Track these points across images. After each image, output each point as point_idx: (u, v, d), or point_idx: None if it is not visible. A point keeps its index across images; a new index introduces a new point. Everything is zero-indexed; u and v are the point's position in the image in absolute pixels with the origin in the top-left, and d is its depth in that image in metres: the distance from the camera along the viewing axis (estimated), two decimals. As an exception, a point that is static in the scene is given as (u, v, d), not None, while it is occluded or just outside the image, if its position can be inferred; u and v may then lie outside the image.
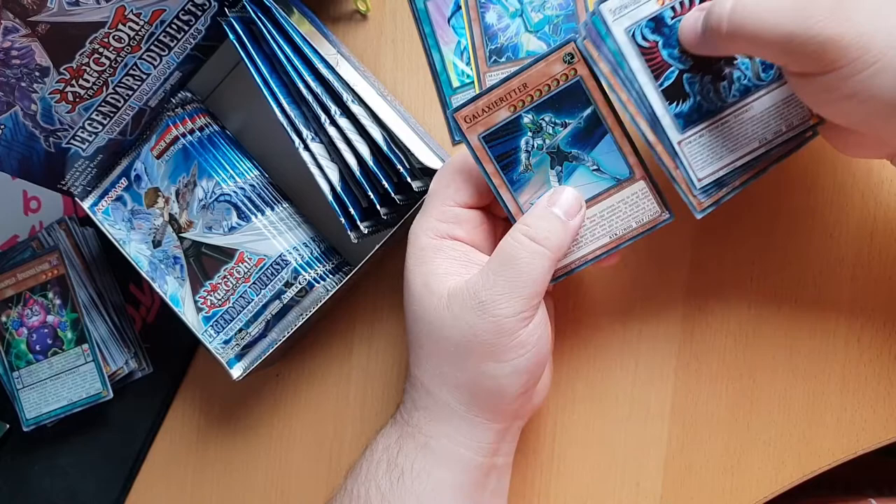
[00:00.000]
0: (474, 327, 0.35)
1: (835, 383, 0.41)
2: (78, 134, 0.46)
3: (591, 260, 0.38)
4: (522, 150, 0.36)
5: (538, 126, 0.36)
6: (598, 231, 0.37)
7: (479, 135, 0.36)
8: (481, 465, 0.39)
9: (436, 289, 0.37)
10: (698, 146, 0.35)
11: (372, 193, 0.43)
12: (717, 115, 0.35)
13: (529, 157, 0.37)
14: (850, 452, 0.41)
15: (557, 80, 0.35)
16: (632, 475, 0.44)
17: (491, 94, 0.35)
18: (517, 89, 0.35)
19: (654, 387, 0.44)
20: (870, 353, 0.41)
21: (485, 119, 0.36)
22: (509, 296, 0.35)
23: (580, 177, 0.37)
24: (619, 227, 0.37)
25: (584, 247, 0.38)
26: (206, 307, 0.47)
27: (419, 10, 0.47)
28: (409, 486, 0.38)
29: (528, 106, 0.36)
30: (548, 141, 0.36)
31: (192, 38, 0.45)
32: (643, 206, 0.37)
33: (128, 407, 0.54)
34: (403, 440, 0.40)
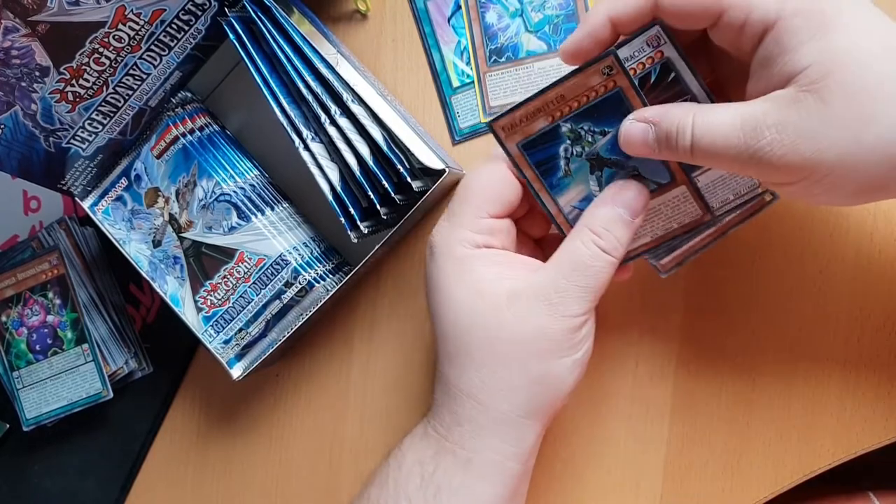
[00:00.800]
0: (544, 327, 0.36)
1: (835, 383, 0.41)
2: (78, 134, 0.46)
3: (630, 258, 0.39)
4: (562, 156, 0.36)
5: (577, 134, 0.36)
6: (646, 228, 0.38)
7: (517, 143, 0.36)
8: (519, 474, 0.39)
9: (490, 293, 0.37)
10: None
11: (372, 193, 0.43)
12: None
13: (569, 163, 0.37)
14: (851, 452, 0.41)
15: (596, 91, 0.35)
16: (632, 475, 0.44)
17: (528, 106, 0.35)
18: (554, 100, 0.35)
19: (654, 387, 0.44)
20: (870, 353, 0.41)
21: (523, 128, 0.36)
22: (582, 298, 0.36)
23: None
24: (661, 228, 0.38)
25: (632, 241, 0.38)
26: (206, 307, 0.47)
27: (419, 9, 0.47)
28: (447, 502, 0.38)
29: (567, 116, 0.35)
30: (587, 148, 0.36)
31: (192, 37, 0.45)
32: (685, 209, 0.37)
33: (128, 407, 0.54)
34: (441, 457, 0.38)
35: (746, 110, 0.30)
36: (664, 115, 0.33)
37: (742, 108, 0.31)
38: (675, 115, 0.32)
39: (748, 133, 0.30)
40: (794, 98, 0.29)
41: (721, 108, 0.32)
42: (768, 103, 0.30)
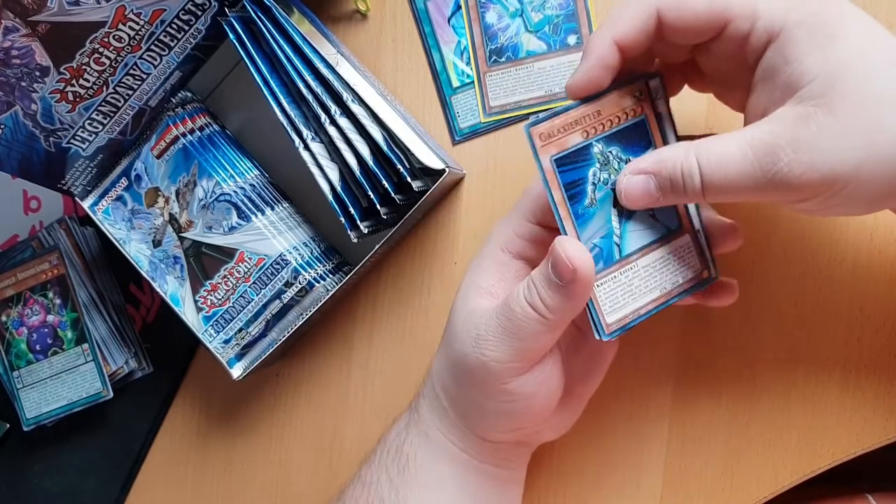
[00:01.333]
0: (468, 356, 0.35)
1: (835, 383, 0.41)
2: (78, 133, 0.46)
3: (645, 315, 0.35)
4: (589, 181, 0.34)
5: (605, 158, 0.34)
6: (651, 283, 0.35)
7: (551, 157, 0.33)
8: (483, 470, 0.39)
9: (466, 299, 0.37)
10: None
11: (372, 193, 0.43)
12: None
13: (595, 190, 0.34)
14: (850, 452, 0.41)
15: (627, 113, 0.34)
16: (632, 475, 0.44)
17: (568, 115, 0.33)
18: (592, 115, 0.34)
19: (654, 387, 0.44)
20: (870, 352, 0.41)
21: (559, 140, 0.33)
22: (499, 342, 0.34)
23: (638, 220, 0.35)
24: (669, 282, 0.36)
25: (638, 299, 0.35)
26: (206, 307, 0.47)
27: (419, 10, 0.47)
28: (414, 476, 0.38)
29: (600, 134, 0.34)
30: (613, 176, 0.34)
31: (193, 37, 0.45)
32: (688, 262, 0.36)
33: (128, 407, 0.54)
34: (410, 427, 0.40)
35: (755, 136, 0.30)
36: (661, 162, 0.32)
37: (749, 135, 0.30)
38: (675, 159, 0.31)
39: (762, 159, 0.29)
40: (803, 114, 0.29)
41: (721, 139, 0.31)
42: (775, 124, 0.29)
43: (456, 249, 0.47)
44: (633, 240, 0.35)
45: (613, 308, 0.35)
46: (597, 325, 0.34)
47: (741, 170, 0.30)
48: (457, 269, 0.47)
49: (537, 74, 0.45)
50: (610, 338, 0.35)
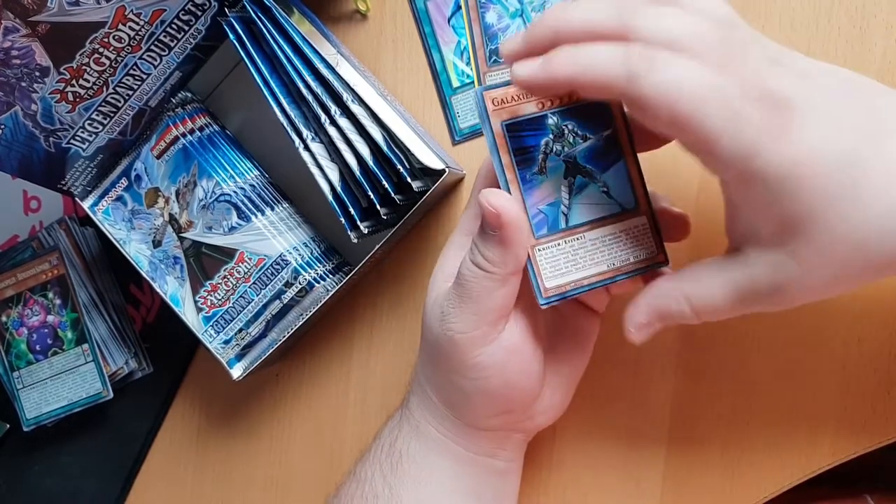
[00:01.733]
0: (438, 337, 0.36)
1: (835, 383, 0.41)
2: (78, 134, 0.46)
3: (587, 287, 0.36)
4: (541, 150, 0.35)
5: (561, 131, 0.35)
6: (598, 256, 0.36)
7: (502, 121, 0.34)
8: (477, 462, 0.39)
9: (434, 286, 0.37)
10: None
11: (372, 193, 0.43)
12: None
13: (546, 159, 0.35)
14: (851, 453, 0.41)
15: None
16: (632, 475, 0.44)
17: None
18: None
19: (654, 387, 0.44)
20: (870, 352, 0.41)
21: (512, 107, 0.34)
22: (458, 312, 0.35)
23: (590, 195, 0.35)
24: (619, 258, 0.36)
25: (582, 269, 0.35)
26: (207, 307, 0.47)
27: (419, 10, 0.47)
28: (408, 470, 0.38)
29: (556, 107, 0.34)
30: (566, 149, 0.35)
31: (193, 38, 0.45)
32: (642, 243, 0.36)
33: (128, 407, 0.54)
34: (402, 422, 0.40)
35: (735, 285, 0.32)
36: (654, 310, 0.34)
37: (729, 281, 0.32)
38: (666, 304, 0.33)
39: (746, 301, 0.32)
40: (774, 263, 0.30)
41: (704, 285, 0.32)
42: (752, 271, 0.31)
43: (456, 249, 0.47)
44: (582, 212, 0.35)
45: (554, 274, 0.35)
46: (536, 289, 0.35)
47: (730, 308, 0.32)
48: (457, 270, 0.47)
49: (537, 74, 0.45)
50: (547, 303, 0.35)
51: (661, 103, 0.28)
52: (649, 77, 0.28)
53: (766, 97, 0.28)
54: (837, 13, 0.41)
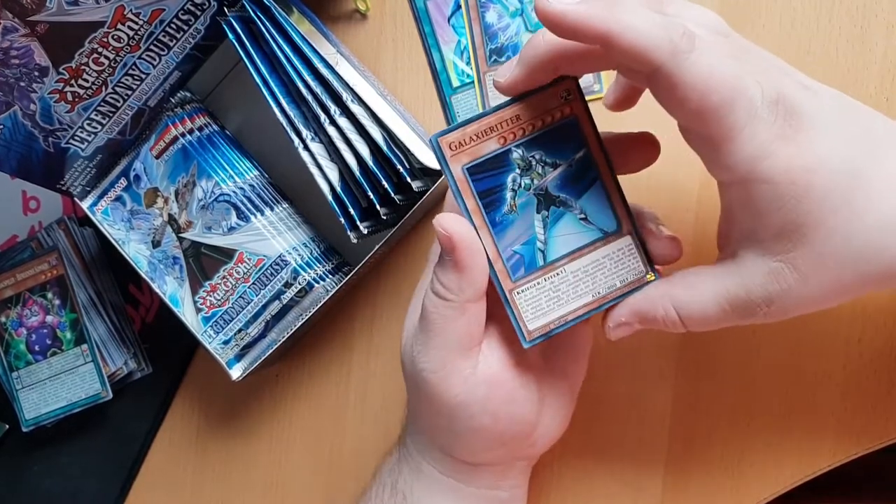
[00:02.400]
0: (415, 380, 0.35)
1: (835, 383, 0.41)
2: (77, 134, 0.45)
3: (573, 321, 0.34)
4: (508, 188, 0.33)
5: (527, 164, 0.33)
6: (581, 288, 0.34)
7: (463, 165, 0.32)
8: (482, 496, 0.38)
9: (406, 328, 0.37)
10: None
11: (372, 193, 0.42)
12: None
13: (515, 196, 0.33)
14: (851, 453, 0.41)
15: (552, 115, 0.32)
16: (632, 475, 0.44)
17: (481, 122, 0.32)
18: (510, 120, 0.32)
19: (654, 387, 0.44)
20: (870, 352, 0.41)
21: (471, 149, 0.32)
22: (426, 349, 0.34)
23: (567, 225, 0.34)
24: (603, 286, 0.34)
25: (565, 305, 0.34)
26: (206, 307, 0.47)
27: (419, 9, 0.47)
28: None
29: (519, 140, 0.32)
30: (536, 181, 0.33)
31: (192, 37, 0.45)
32: (627, 264, 0.34)
33: (127, 407, 0.54)
34: (401, 464, 0.39)
35: (728, 294, 0.31)
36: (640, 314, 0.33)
37: (721, 289, 0.31)
38: (651, 308, 0.33)
39: (738, 311, 0.31)
40: (773, 270, 0.30)
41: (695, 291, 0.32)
42: (748, 278, 0.31)
43: (456, 250, 0.47)
44: (561, 245, 0.34)
45: (536, 315, 0.34)
46: (519, 332, 0.34)
47: (720, 318, 0.32)
48: (457, 270, 0.47)
49: (537, 74, 0.45)
50: (531, 345, 0.34)
51: (696, 87, 0.27)
52: (691, 58, 0.27)
53: (781, 101, 0.28)
54: (838, 13, 0.41)
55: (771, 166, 0.28)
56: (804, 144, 0.28)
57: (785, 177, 0.28)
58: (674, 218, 0.43)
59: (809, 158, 0.28)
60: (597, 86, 0.44)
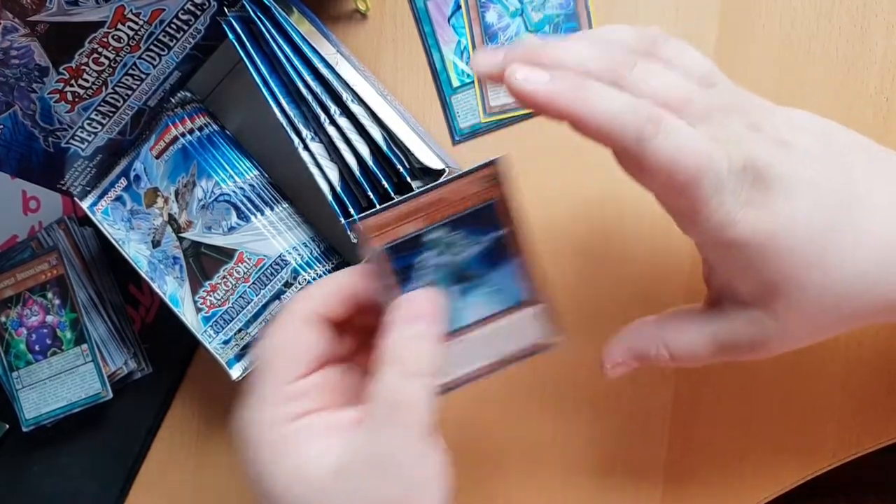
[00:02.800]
0: (380, 490, 0.31)
1: (835, 383, 0.41)
2: (77, 134, 0.45)
3: (473, 379, 0.36)
4: (427, 266, 0.34)
5: (446, 243, 0.34)
6: (484, 351, 0.35)
7: (382, 245, 0.33)
8: None
9: (316, 477, 0.31)
10: None
11: (372, 193, 0.42)
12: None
13: (433, 272, 0.34)
14: (851, 453, 0.41)
15: (474, 198, 0.33)
16: (632, 475, 0.44)
17: (402, 207, 0.33)
18: (433, 203, 0.33)
19: (654, 387, 0.44)
20: (870, 353, 0.41)
21: (392, 231, 0.33)
22: (406, 443, 0.31)
23: (479, 297, 0.35)
24: (497, 352, 0.36)
25: (465, 366, 0.35)
26: (206, 307, 0.47)
27: (419, 9, 0.47)
28: None
29: (439, 222, 0.33)
30: (454, 259, 0.34)
31: (192, 37, 0.45)
32: (532, 330, 0.36)
33: (127, 407, 0.54)
34: None
35: (716, 339, 0.33)
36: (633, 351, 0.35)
37: (711, 330, 0.33)
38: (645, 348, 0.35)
39: (725, 351, 0.33)
40: (753, 319, 0.31)
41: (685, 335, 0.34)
42: (733, 326, 0.32)
43: (456, 250, 0.47)
44: (471, 313, 0.35)
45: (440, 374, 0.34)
46: None
47: (708, 357, 0.33)
48: (457, 270, 0.47)
49: (537, 74, 0.45)
50: None
51: (662, 168, 0.28)
52: (655, 141, 0.28)
53: (749, 168, 0.29)
54: (838, 13, 0.41)
55: (738, 232, 0.29)
56: (772, 207, 0.29)
57: (753, 240, 0.29)
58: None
59: (777, 221, 0.29)
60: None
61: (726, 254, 0.30)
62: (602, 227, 0.45)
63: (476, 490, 0.47)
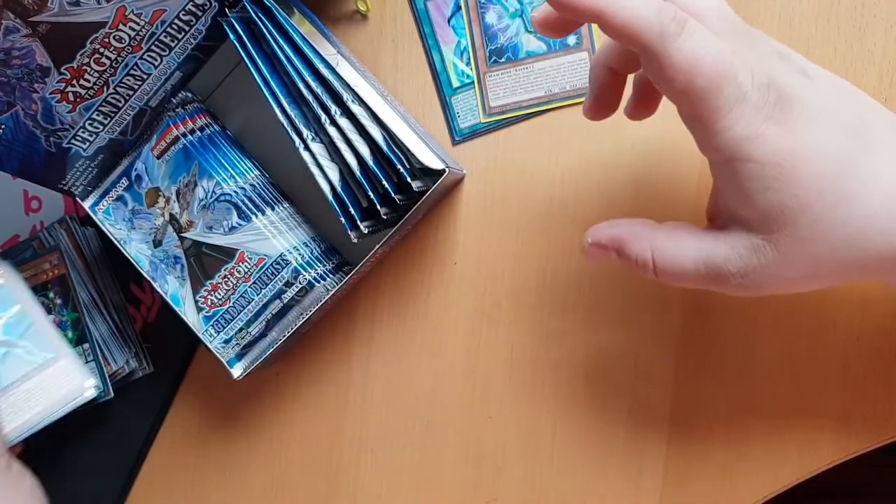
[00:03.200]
0: None
1: (834, 383, 0.41)
2: (79, 134, 0.46)
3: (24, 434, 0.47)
4: None
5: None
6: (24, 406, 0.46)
7: None
8: None
9: None
10: None
11: (372, 193, 0.43)
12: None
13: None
14: (850, 452, 0.41)
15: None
16: (632, 475, 0.44)
17: None
18: None
19: (654, 386, 0.44)
20: (869, 352, 0.41)
21: None
22: None
23: (15, 360, 0.47)
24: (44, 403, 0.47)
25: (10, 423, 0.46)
26: (207, 307, 0.47)
27: (419, 10, 0.47)
28: None
29: None
30: None
31: (193, 38, 0.45)
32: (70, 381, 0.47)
33: (128, 407, 0.54)
34: None
35: (708, 257, 0.32)
36: (622, 246, 0.34)
37: (703, 251, 0.32)
38: (632, 252, 0.34)
39: (712, 278, 0.32)
40: (753, 246, 0.31)
41: (679, 245, 0.33)
42: (728, 249, 0.31)
43: (456, 249, 0.48)
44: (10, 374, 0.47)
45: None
46: None
47: (692, 276, 0.32)
48: (457, 270, 0.47)
49: (537, 75, 0.45)
50: None
51: (681, 69, 0.28)
52: (678, 41, 0.28)
53: (773, 86, 0.29)
54: (837, 13, 0.41)
55: (758, 147, 0.29)
56: (794, 129, 0.29)
57: (771, 158, 0.29)
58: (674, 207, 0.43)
59: (798, 143, 0.29)
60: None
61: (741, 171, 0.30)
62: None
63: (476, 490, 0.47)
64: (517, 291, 0.46)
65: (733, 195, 0.31)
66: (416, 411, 0.48)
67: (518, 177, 0.46)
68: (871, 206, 0.29)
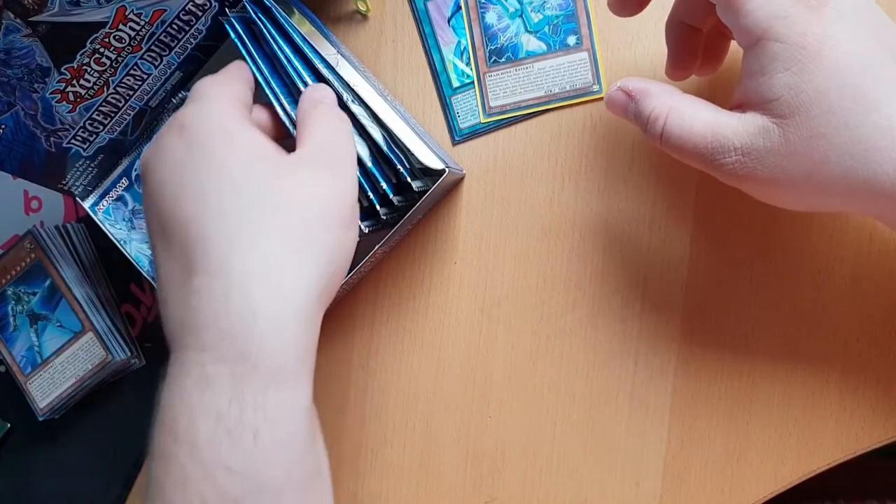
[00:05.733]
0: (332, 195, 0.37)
1: (834, 383, 0.41)
2: (79, 134, 0.46)
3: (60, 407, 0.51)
4: (10, 314, 0.51)
5: (18, 296, 0.50)
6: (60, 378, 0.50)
7: None
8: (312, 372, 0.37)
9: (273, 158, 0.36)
10: None
11: (372, 193, 0.43)
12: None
13: (16, 319, 0.51)
14: (850, 452, 0.41)
15: (26, 261, 0.50)
16: (632, 475, 0.44)
17: None
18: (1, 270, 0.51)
19: (654, 387, 0.44)
20: (869, 352, 0.41)
21: None
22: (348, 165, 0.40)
23: (51, 332, 0.50)
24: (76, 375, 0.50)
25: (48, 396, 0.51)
26: (207, 307, 0.47)
27: (419, 10, 0.47)
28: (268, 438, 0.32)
29: (9, 282, 0.51)
30: (26, 306, 0.51)
31: (193, 38, 0.45)
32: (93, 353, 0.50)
33: (128, 407, 0.54)
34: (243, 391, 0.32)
35: (718, 125, 0.32)
36: (644, 97, 0.35)
37: (715, 120, 0.32)
38: (651, 105, 0.34)
39: (715, 148, 0.32)
40: (762, 127, 0.31)
41: (698, 109, 0.33)
42: (738, 124, 0.32)
43: (456, 249, 0.48)
44: (49, 346, 0.50)
45: None
46: None
47: (695, 144, 0.33)
48: (456, 269, 0.47)
49: (537, 75, 0.45)
50: None
51: None
52: None
53: None
54: None
55: (787, 26, 0.29)
56: (825, 16, 0.29)
57: (799, 39, 0.29)
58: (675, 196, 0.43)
59: (827, 30, 0.29)
60: (596, 86, 0.44)
61: (767, 50, 0.30)
62: (603, 229, 0.45)
63: (476, 489, 0.47)
64: (517, 291, 0.46)
65: (756, 79, 0.31)
66: (415, 410, 0.48)
67: (518, 177, 0.46)
68: (890, 119, 0.29)
